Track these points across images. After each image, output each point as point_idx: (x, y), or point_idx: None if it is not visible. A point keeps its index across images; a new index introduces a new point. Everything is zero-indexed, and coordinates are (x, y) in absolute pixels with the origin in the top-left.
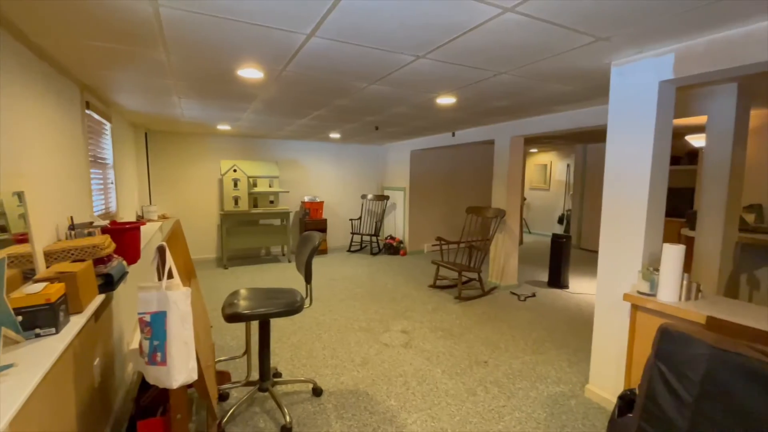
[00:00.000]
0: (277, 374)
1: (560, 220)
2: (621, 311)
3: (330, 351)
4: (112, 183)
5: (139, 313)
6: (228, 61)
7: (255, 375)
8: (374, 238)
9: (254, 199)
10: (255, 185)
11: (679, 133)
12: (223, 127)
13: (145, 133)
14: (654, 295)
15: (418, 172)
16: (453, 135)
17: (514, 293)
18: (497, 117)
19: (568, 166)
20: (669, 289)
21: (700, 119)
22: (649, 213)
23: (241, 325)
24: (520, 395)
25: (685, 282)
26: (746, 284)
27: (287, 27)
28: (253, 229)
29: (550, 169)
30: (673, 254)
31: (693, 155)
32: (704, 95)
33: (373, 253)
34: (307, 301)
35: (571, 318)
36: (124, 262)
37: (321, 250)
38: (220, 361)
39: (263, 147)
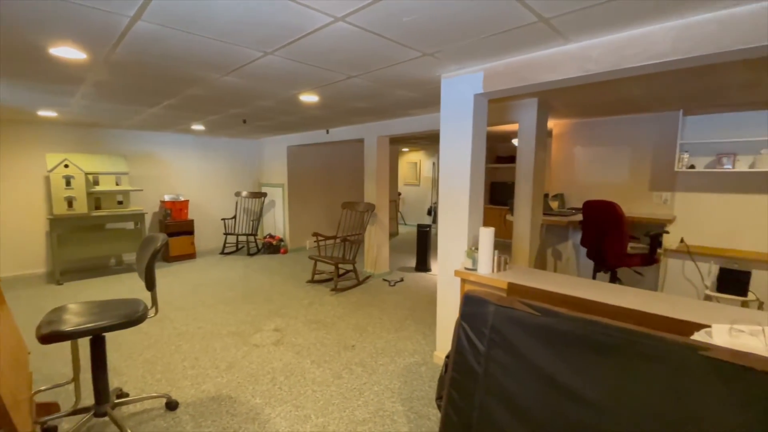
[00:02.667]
0: (123, 395)
1: (429, 212)
2: (455, 285)
3: (191, 361)
4: None
5: None
6: (36, 37)
7: (90, 401)
8: (252, 238)
9: (96, 200)
10: (96, 183)
11: (507, 137)
12: (47, 113)
13: None
14: (475, 270)
15: (297, 168)
16: (327, 132)
17: (386, 280)
18: (363, 117)
19: (434, 163)
20: (485, 263)
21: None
22: (471, 203)
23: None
24: (381, 371)
25: (495, 257)
26: (551, 256)
27: (107, 7)
28: (97, 236)
29: (419, 166)
30: (486, 236)
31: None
32: (516, 106)
33: (250, 254)
34: (152, 311)
35: (430, 297)
36: None
37: (188, 254)
38: (40, 391)
39: (107, 138)
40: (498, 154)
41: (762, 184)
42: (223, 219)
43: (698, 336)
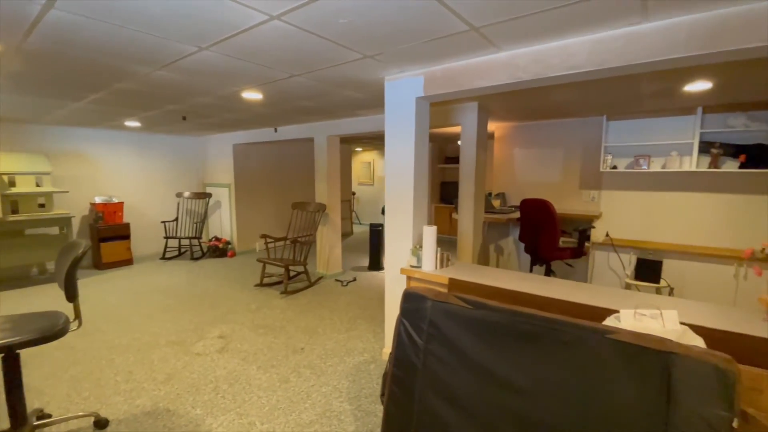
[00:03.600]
0: (44, 416)
1: (383, 211)
2: (402, 283)
3: (124, 375)
4: None
5: None
6: None
7: (6, 425)
8: (196, 242)
9: (13, 203)
10: (13, 185)
11: (455, 138)
12: None
13: None
14: (420, 267)
15: (244, 167)
16: (276, 131)
17: (338, 280)
18: (312, 116)
19: None
20: (429, 261)
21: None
22: (415, 203)
23: None
24: (330, 372)
25: (438, 255)
26: (494, 252)
27: None
28: (14, 243)
29: (373, 166)
30: (429, 234)
31: None
32: (459, 109)
33: (194, 258)
34: (75, 324)
35: (382, 295)
36: None
37: (124, 260)
38: None
39: (25, 135)
40: (447, 155)
41: (672, 182)
42: (164, 222)
43: (609, 321)
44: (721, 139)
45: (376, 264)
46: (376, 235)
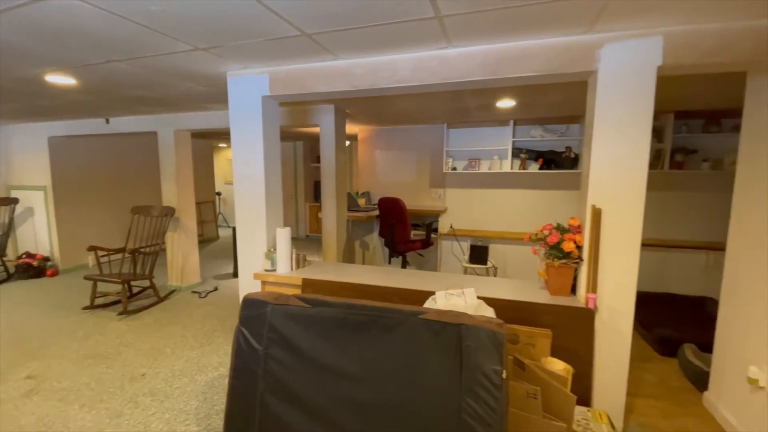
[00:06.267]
0: None
1: None
2: (257, 289)
3: None
4: None
5: None
6: None
7: None
8: None
9: None
10: None
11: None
12: None
13: None
14: (275, 270)
15: (67, 166)
16: (107, 122)
17: (195, 292)
18: (152, 107)
19: None
20: (283, 263)
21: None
22: (267, 205)
23: None
24: (176, 394)
25: (294, 256)
26: (360, 248)
27: None
28: None
29: None
30: (283, 236)
31: None
32: (316, 111)
33: None
34: None
35: None
36: None
37: None
38: None
39: None
40: (318, 154)
41: (496, 181)
42: None
43: (428, 302)
44: (527, 146)
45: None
46: None
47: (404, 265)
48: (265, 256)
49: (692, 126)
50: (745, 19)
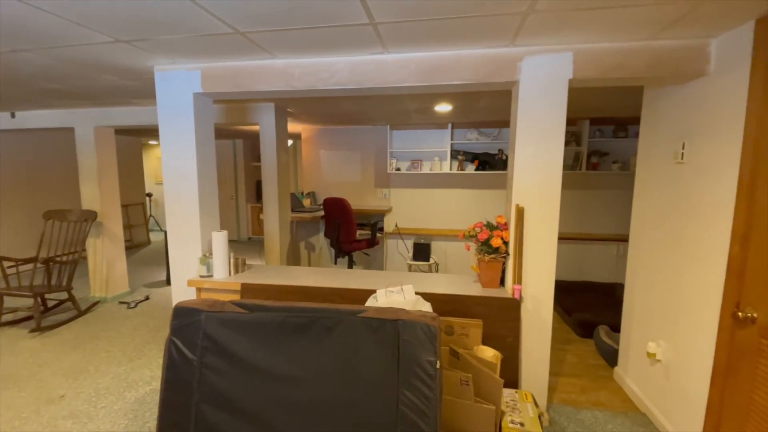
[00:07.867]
0: None
1: None
2: (192, 296)
3: None
4: None
5: None
6: None
7: None
8: None
9: None
10: None
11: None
12: None
13: None
14: (211, 276)
15: None
16: (13, 116)
17: (123, 302)
18: (68, 101)
19: None
20: (220, 268)
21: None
22: (201, 207)
23: None
24: (101, 415)
25: (232, 260)
26: (305, 249)
27: None
28: None
29: None
30: (220, 240)
31: None
32: (256, 109)
33: None
34: None
35: None
36: None
37: None
38: None
39: None
40: (259, 153)
41: (437, 181)
42: None
43: (370, 300)
44: (464, 148)
45: None
46: None
47: (351, 265)
48: (200, 262)
49: (605, 131)
50: (641, 40)
